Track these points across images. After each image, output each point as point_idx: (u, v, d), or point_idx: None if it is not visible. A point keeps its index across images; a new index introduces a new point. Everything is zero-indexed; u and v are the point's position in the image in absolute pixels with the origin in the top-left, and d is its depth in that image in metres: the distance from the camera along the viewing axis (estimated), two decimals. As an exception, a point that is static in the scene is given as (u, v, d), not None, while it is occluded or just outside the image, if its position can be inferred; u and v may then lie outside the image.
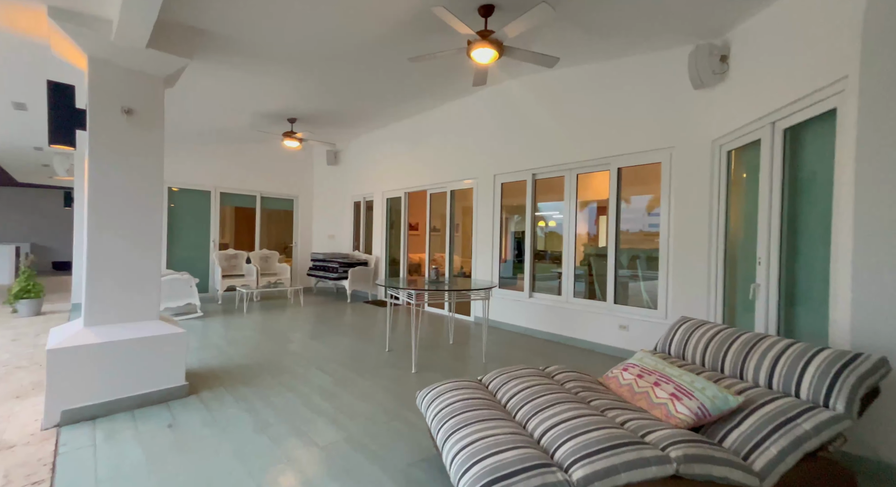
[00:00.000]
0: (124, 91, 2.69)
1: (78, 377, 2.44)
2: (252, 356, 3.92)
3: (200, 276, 7.58)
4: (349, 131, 7.51)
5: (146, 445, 2.24)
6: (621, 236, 4.32)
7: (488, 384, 2.26)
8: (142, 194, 2.79)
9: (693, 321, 2.39)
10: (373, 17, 3.09)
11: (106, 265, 2.65)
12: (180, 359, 2.84)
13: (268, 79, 4.35)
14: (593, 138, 4.42)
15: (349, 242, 8.95)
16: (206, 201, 7.84)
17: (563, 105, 4.70)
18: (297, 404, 2.81)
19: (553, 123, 4.81)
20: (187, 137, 6.81)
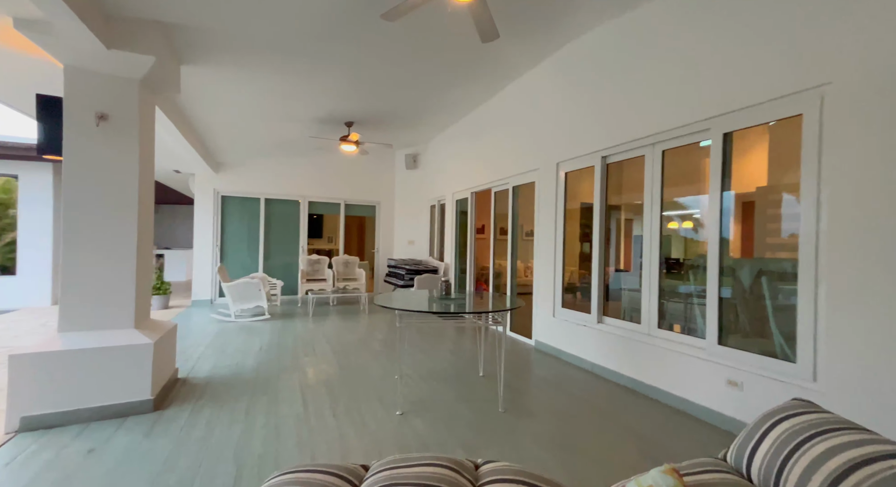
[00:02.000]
0: (97, 96, 2.69)
1: (39, 384, 2.45)
2: (260, 367, 3.71)
3: (291, 280, 8.21)
4: (420, 133, 7.13)
5: (54, 468, 2.04)
6: (728, 241, 2.72)
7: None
8: (115, 202, 2.74)
9: (831, 419, 1.03)
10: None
11: (78, 273, 2.65)
12: (146, 371, 2.69)
13: (321, 82, 4.30)
14: (683, 96, 2.93)
15: (427, 248, 8.60)
16: (296, 209, 8.47)
17: (640, 59, 3.29)
18: (237, 440, 2.35)
19: (629, 85, 3.43)
20: (267, 150, 7.42)
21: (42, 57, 2.78)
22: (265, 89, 4.42)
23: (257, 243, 8.13)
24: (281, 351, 4.29)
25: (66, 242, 2.62)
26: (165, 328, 3.12)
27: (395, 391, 3.16)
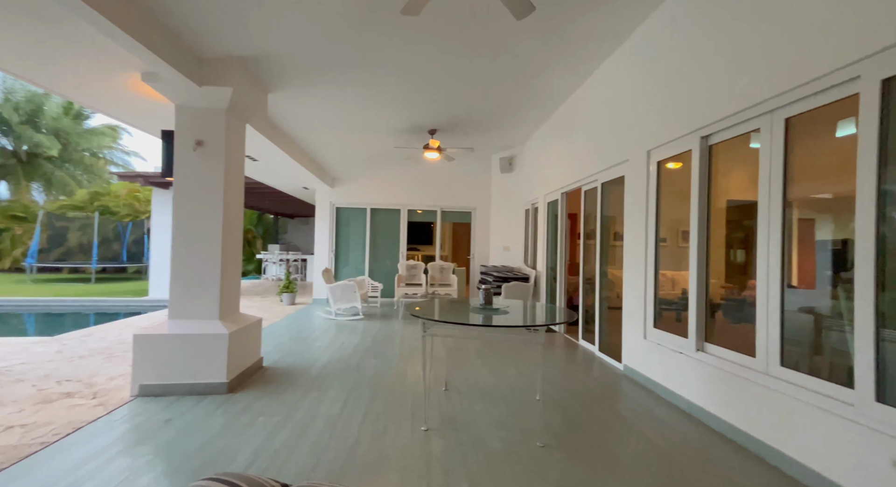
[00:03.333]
0: (195, 126, 3.28)
1: (152, 359, 3.06)
2: (329, 364, 3.97)
3: (392, 283, 8.77)
4: (513, 134, 6.83)
5: (140, 430, 2.50)
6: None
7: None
8: (206, 213, 3.29)
9: None
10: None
11: (182, 270, 3.25)
12: (222, 358, 3.13)
13: (393, 93, 4.49)
14: (817, 35, 2.02)
15: (522, 254, 8.17)
16: (397, 217, 9.05)
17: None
18: (269, 432, 2.52)
19: (738, 35, 2.58)
20: (369, 163, 8.10)
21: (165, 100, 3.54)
22: (344, 105, 4.81)
23: (363, 248, 8.95)
24: (354, 351, 4.54)
25: (174, 245, 3.25)
26: (248, 321, 3.60)
27: (433, 404, 2.97)
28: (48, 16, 2.51)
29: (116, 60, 3.06)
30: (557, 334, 5.74)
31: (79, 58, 3.08)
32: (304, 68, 3.67)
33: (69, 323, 7.30)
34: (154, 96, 3.56)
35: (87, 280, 12.77)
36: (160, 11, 2.64)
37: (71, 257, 13.86)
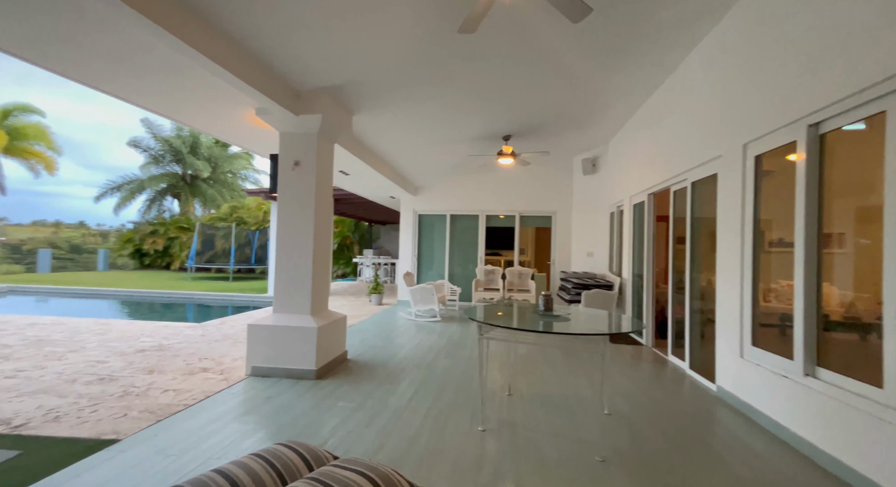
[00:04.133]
0: (294, 149, 3.88)
1: (261, 345, 3.69)
2: (405, 361, 4.28)
3: (470, 288, 8.97)
4: (596, 133, 6.53)
5: (249, 403, 3.06)
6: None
7: None
8: (301, 222, 3.85)
9: None
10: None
11: (283, 270, 3.85)
12: (311, 348, 3.62)
13: (465, 103, 4.64)
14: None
15: (607, 261, 7.69)
16: (475, 223, 9.23)
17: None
18: (342, 417, 2.85)
19: None
20: (447, 171, 8.41)
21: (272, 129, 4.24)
22: (421, 120, 5.14)
23: (444, 253, 9.32)
24: (428, 350, 4.80)
25: (277, 251, 3.87)
26: (334, 317, 4.09)
27: (494, 407, 3.03)
28: (181, 69, 3.24)
29: (236, 100, 3.80)
30: (644, 347, 5.28)
31: (208, 100, 3.89)
32: (381, 91, 4.07)
33: (213, 313, 9.03)
34: (264, 126, 4.30)
35: (226, 279, 15.57)
36: (268, 60, 3.22)
37: (217, 259, 17.04)
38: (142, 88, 3.59)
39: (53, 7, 2.43)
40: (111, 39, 2.79)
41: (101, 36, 2.74)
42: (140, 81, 3.46)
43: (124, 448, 2.36)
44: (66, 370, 3.75)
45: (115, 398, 3.10)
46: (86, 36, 2.74)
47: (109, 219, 51.95)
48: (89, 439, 2.46)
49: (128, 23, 2.31)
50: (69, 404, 2.97)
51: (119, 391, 3.23)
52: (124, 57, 3.02)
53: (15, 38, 2.75)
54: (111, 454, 2.29)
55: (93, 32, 2.70)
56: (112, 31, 2.69)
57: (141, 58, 3.04)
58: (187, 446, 2.40)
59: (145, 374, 3.68)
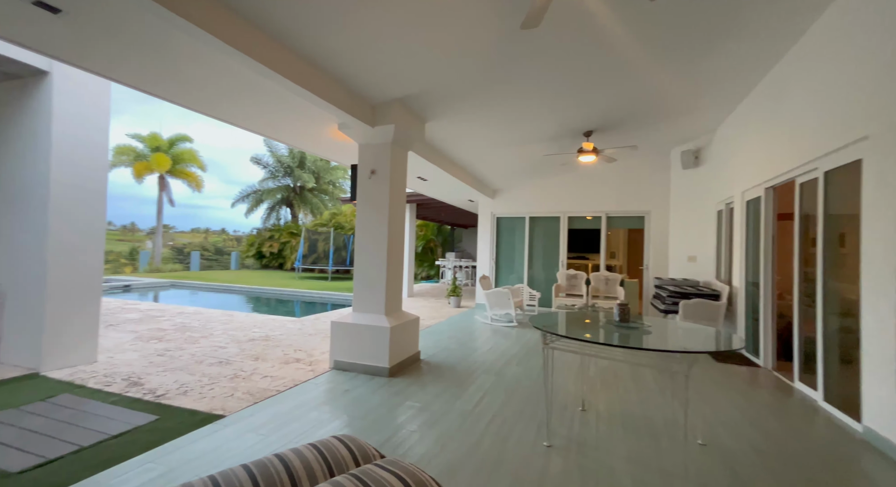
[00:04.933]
0: (370, 159, 4.14)
1: (342, 341, 4.01)
2: (476, 365, 4.26)
3: (548, 292, 8.58)
4: (698, 120, 5.76)
5: (329, 394, 3.34)
6: None
7: None
8: (376, 228, 4.09)
9: None
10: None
11: (361, 272, 4.13)
12: (385, 347, 3.82)
13: (538, 101, 4.44)
14: None
15: (713, 266, 6.71)
16: (556, 225, 8.80)
17: None
18: (409, 416, 2.94)
19: None
20: (524, 172, 8.15)
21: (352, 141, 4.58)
22: (494, 123, 5.09)
23: (523, 257, 9.07)
24: (500, 356, 4.70)
25: (356, 254, 4.17)
26: (407, 318, 4.25)
27: (563, 422, 2.83)
28: (279, 96, 3.69)
29: (322, 118, 4.21)
30: (762, 369, 4.46)
31: (299, 119, 4.37)
32: (452, 97, 4.12)
33: (313, 309, 10.12)
34: (346, 139, 4.68)
35: (326, 278, 17.34)
36: (345, 78, 3.50)
37: (319, 261, 19.10)
38: (251, 114, 4.19)
39: (184, 57, 2.98)
40: (226, 80, 3.32)
41: (219, 77, 3.28)
42: (248, 109, 4.05)
43: (228, 423, 2.76)
44: (198, 352, 4.53)
45: (227, 379, 3.66)
46: (206, 78, 3.31)
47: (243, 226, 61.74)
48: (204, 412, 2.93)
49: (235, 62, 2.72)
50: (195, 381, 3.59)
51: (231, 374, 3.80)
52: (233, 91, 3.57)
53: (160, 84, 3.44)
54: (217, 427, 2.69)
55: (212, 75, 3.25)
56: (223, 72, 3.20)
57: (246, 90, 3.56)
58: (274, 427, 2.71)
59: (252, 360, 4.27)
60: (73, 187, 3.88)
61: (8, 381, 3.46)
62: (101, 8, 2.45)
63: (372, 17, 2.68)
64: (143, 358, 4.22)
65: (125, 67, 3.17)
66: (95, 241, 4.09)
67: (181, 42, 2.80)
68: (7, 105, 3.96)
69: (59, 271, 3.80)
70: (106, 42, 2.81)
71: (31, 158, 3.84)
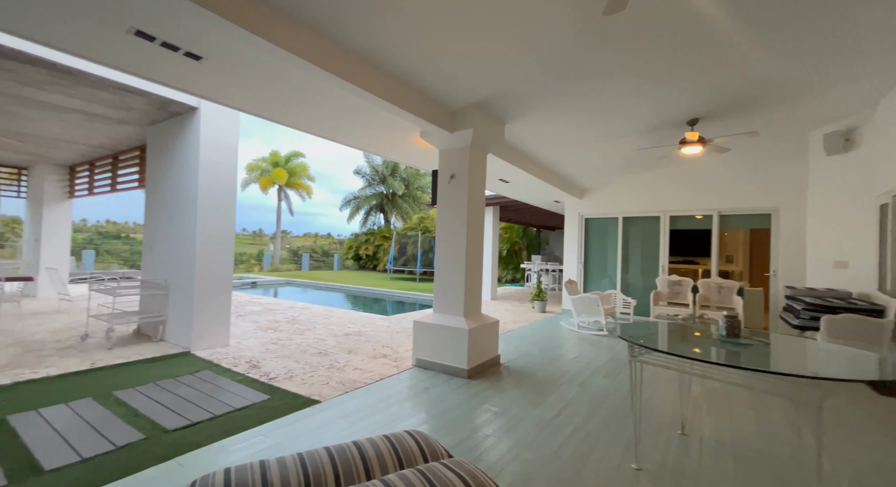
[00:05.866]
0: (450, 163, 4.25)
1: (423, 340, 4.18)
2: (557, 373, 4.07)
3: (646, 299, 7.77)
4: (847, 93, 4.71)
5: (410, 390, 3.51)
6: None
7: None
8: (455, 231, 4.17)
9: None
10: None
11: (441, 274, 4.25)
12: (464, 349, 3.86)
13: (646, 91, 4.06)
14: None
15: (872, 273, 5.41)
16: (655, 226, 7.94)
17: None
18: (485, 419, 2.93)
19: None
20: (616, 170, 7.51)
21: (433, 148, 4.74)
22: (579, 117, 4.80)
23: (615, 261, 8.37)
24: (586, 366, 4.41)
25: (437, 256, 4.30)
26: (487, 321, 4.25)
27: (657, 444, 2.53)
28: (366, 110, 4.01)
29: (405, 128, 4.45)
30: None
31: (385, 131, 4.68)
32: (532, 95, 4.01)
33: (402, 308, 10.74)
34: (428, 146, 4.88)
35: (414, 280, 18.24)
36: (425, 88, 3.66)
37: (408, 263, 20.18)
38: (347, 130, 4.64)
39: (292, 86, 3.44)
40: (318, 97, 3.73)
41: (320, 100, 3.71)
42: (344, 126, 4.49)
43: (322, 408, 3.08)
44: (303, 343, 5.14)
45: (325, 368, 4.07)
46: (310, 102, 3.76)
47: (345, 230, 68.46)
48: (305, 396, 3.31)
49: (333, 86, 3.06)
50: (299, 368, 4.07)
51: (327, 364, 4.23)
52: (332, 111, 3.99)
53: (276, 110, 4.02)
54: (314, 411, 3.01)
55: (315, 98, 3.68)
56: (322, 95, 3.60)
57: (337, 107, 3.95)
58: (360, 416, 2.93)
59: (346, 353, 4.69)
60: (213, 200, 4.73)
61: (170, 356, 4.35)
62: (230, 52, 2.95)
63: (444, 27, 2.76)
64: (261, 345, 4.93)
65: (249, 99, 3.77)
66: (228, 244, 4.92)
67: (290, 73, 3.24)
68: (171, 136, 5.01)
69: (203, 269, 4.66)
70: (234, 79, 3.37)
71: (186, 178, 4.79)
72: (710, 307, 6.86)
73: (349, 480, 1.42)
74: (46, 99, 4.44)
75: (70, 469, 2.18)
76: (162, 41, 2.75)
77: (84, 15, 2.48)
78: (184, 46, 2.84)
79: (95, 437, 2.54)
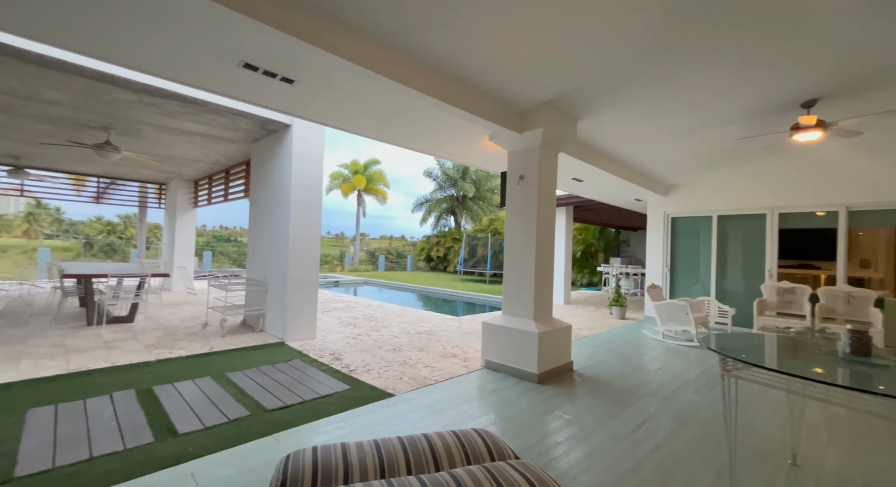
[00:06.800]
0: (518, 165, 4.20)
1: (492, 342, 4.18)
2: (638, 385, 3.79)
3: (748, 309, 6.82)
4: None
5: (479, 391, 3.54)
6: None
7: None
8: (524, 233, 4.11)
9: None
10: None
11: (510, 277, 4.22)
12: (533, 353, 3.79)
13: (748, 71, 3.59)
14: None
15: None
16: (760, 225, 6.95)
17: None
18: (553, 426, 2.84)
19: None
20: (710, 164, 6.72)
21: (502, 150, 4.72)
22: (663, 107, 4.41)
23: (708, 264, 7.50)
24: (671, 379, 4.03)
25: (506, 258, 4.28)
26: (558, 325, 4.11)
27: (761, 473, 2.23)
28: (435, 117, 4.15)
29: (474, 132, 4.51)
30: None
31: (454, 136, 4.78)
32: (607, 88, 3.79)
33: (472, 309, 10.83)
34: (497, 149, 4.88)
35: (484, 281, 18.24)
36: (492, 91, 3.68)
37: (479, 264, 20.26)
38: (419, 137, 4.86)
39: (369, 99, 3.72)
40: (390, 108, 3.97)
41: (397, 110, 3.96)
42: (416, 133, 4.70)
43: (396, 402, 3.25)
44: (378, 339, 5.47)
45: (398, 364, 4.29)
46: (386, 113, 4.02)
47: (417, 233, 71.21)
48: (380, 389, 3.53)
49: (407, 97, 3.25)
50: (376, 362, 4.35)
51: (401, 360, 4.45)
52: (396, 115, 4.21)
53: (356, 123, 4.37)
54: (388, 404, 3.20)
55: (384, 108, 3.94)
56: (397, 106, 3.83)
57: (407, 116, 4.15)
58: (431, 412, 3.04)
59: (418, 351, 4.88)
60: (302, 206, 5.28)
61: (268, 345, 4.95)
62: (316, 75, 3.29)
63: (514, 29, 2.75)
64: (342, 339, 5.36)
65: (332, 114, 4.15)
66: (314, 246, 5.45)
67: (366, 89, 3.50)
68: (269, 151, 5.71)
69: (295, 269, 5.22)
70: (319, 98, 3.74)
71: (281, 187, 5.41)
72: (834, 319, 5.80)
73: (419, 469, 1.50)
74: (179, 126, 5.36)
75: (196, 435, 2.61)
76: (263, 70, 3.17)
77: (206, 54, 2.96)
78: (280, 73, 3.23)
79: (213, 410, 3.00)
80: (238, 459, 2.32)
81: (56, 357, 4.09)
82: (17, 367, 3.75)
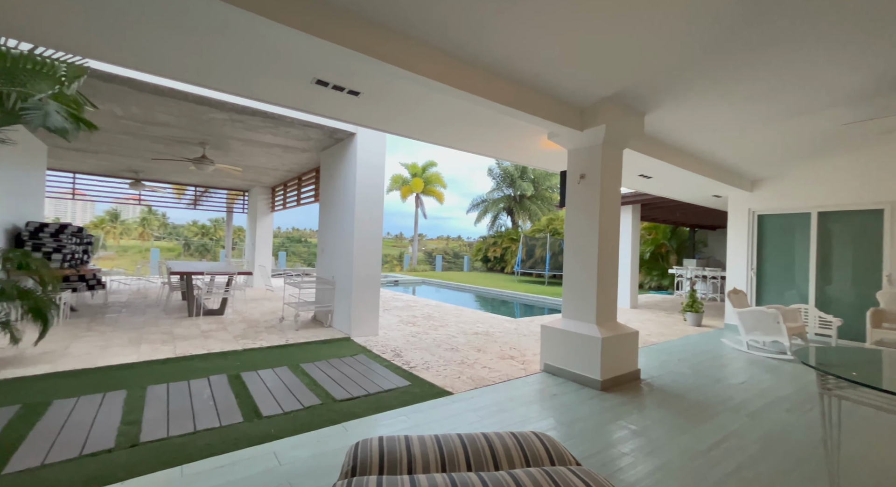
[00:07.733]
0: (580, 163, 4.05)
1: (552, 345, 4.09)
2: (715, 399, 3.47)
3: (858, 320, 5.88)
4: None
5: (538, 395, 3.49)
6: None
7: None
8: (586, 235, 3.95)
9: None
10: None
11: (571, 281, 4.09)
12: (596, 358, 3.64)
13: (852, 44, 3.29)
14: None
15: None
16: (875, 223, 5.96)
17: None
18: (617, 436, 2.71)
19: None
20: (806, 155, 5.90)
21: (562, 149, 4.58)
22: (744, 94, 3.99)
23: (806, 267, 6.59)
24: (758, 395, 3.63)
25: (566, 259, 4.16)
26: (623, 331, 3.90)
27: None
28: (487, 119, 4.15)
29: (532, 131, 4.44)
30: None
31: (511, 136, 4.74)
32: (676, 81, 3.51)
33: (530, 311, 10.61)
34: (556, 148, 4.75)
35: (542, 283, 17.75)
36: (550, 90, 3.60)
37: (536, 265, 19.77)
38: (477, 140, 4.91)
39: (430, 107, 3.84)
40: (449, 113, 4.05)
41: (444, 114, 4.04)
42: (474, 137, 4.75)
43: (455, 400, 3.32)
44: (437, 338, 5.60)
45: (456, 363, 4.37)
46: (443, 118, 4.12)
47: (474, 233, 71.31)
48: (439, 387, 3.63)
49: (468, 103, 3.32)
50: (434, 360, 4.47)
51: (459, 359, 4.52)
52: (455, 120, 4.28)
53: (418, 130, 4.53)
54: (447, 401, 3.28)
55: (444, 114, 4.03)
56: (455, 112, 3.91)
57: (466, 120, 4.20)
58: (489, 413, 3.06)
59: (475, 351, 4.92)
60: (365, 209, 5.58)
61: (336, 340, 5.31)
62: (379, 86, 3.48)
63: (574, 25, 2.67)
64: (402, 337, 5.57)
65: (393, 121, 4.35)
66: (376, 247, 5.73)
67: (426, 96, 3.62)
68: (336, 158, 6.12)
69: (359, 269, 5.54)
70: (382, 107, 3.94)
71: (347, 192, 5.77)
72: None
73: (479, 467, 1.54)
74: (260, 139, 5.96)
75: (276, 418, 2.90)
76: (333, 85, 3.42)
77: (285, 74, 3.27)
78: (347, 86, 3.47)
79: (290, 397, 3.30)
80: (312, 443, 2.54)
81: (167, 343, 4.76)
82: (138, 350, 4.43)
